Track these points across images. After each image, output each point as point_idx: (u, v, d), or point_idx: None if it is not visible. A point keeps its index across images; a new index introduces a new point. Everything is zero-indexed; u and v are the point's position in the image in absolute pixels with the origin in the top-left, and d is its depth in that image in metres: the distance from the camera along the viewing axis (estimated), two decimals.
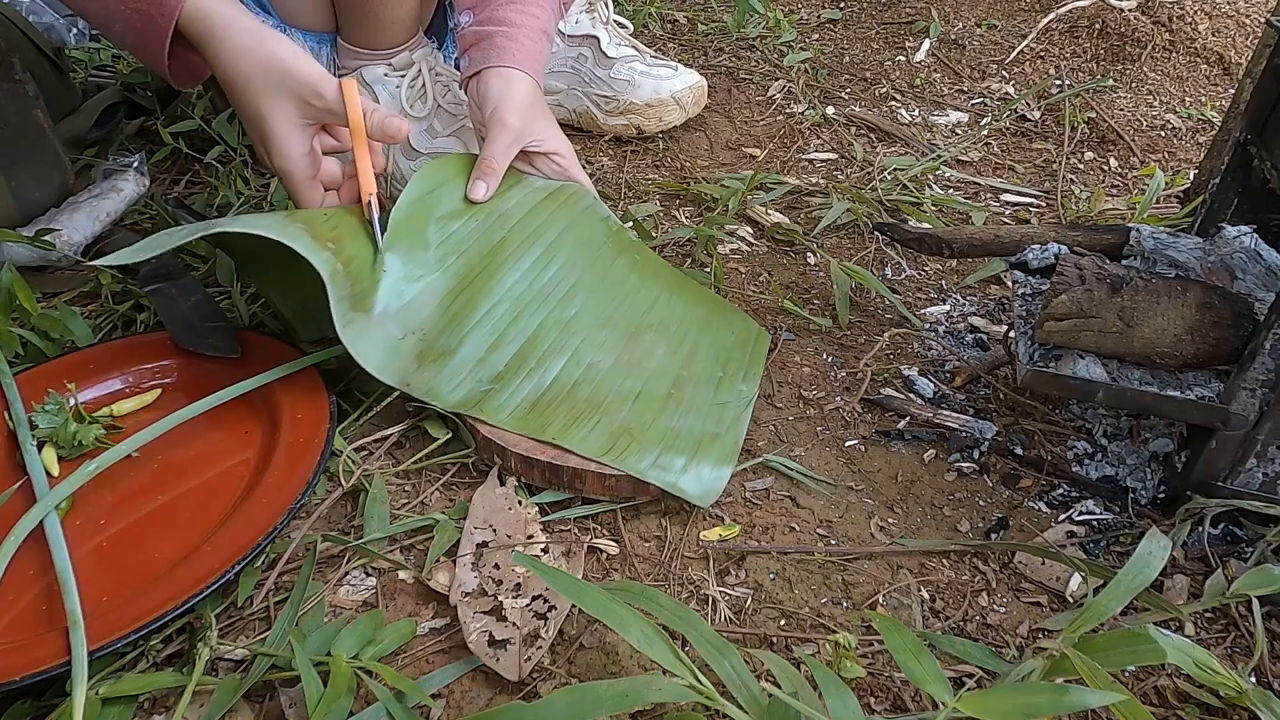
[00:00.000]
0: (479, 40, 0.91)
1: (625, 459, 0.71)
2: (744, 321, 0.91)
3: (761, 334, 0.89)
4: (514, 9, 0.92)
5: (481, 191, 0.86)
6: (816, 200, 1.15)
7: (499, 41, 0.90)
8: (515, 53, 0.89)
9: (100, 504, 0.68)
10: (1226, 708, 0.58)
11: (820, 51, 1.59)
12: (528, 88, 0.89)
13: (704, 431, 0.75)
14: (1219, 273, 0.77)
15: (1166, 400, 0.69)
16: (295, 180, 0.78)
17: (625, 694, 0.47)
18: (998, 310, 0.98)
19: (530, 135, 0.89)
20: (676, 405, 0.77)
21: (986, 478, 0.77)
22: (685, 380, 0.80)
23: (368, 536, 0.67)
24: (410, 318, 0.77)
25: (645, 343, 0.83)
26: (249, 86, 0.74)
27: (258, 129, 0.77)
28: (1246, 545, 0.70)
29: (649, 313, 0.87)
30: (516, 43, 0.90)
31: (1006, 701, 0.48)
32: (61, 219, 0.96)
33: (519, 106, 0.88)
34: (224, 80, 0.75)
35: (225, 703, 0.55)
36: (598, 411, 0.75)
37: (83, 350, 0.81)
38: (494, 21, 0.91)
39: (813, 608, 0.65)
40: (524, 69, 0.89)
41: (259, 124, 0.76)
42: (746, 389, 0.81)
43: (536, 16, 0.93)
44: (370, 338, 0.74)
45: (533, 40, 0.92)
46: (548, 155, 0.91)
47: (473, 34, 0.93)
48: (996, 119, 1.38)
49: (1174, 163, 1.29)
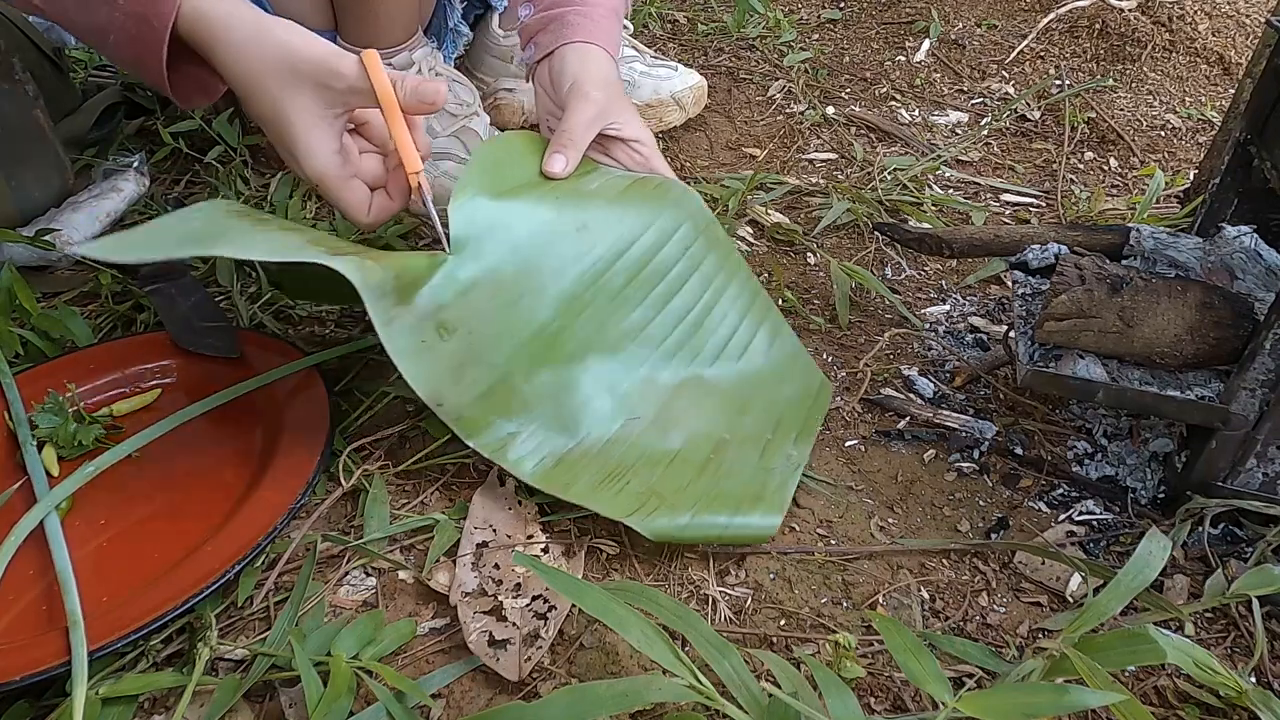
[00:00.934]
0: (547, 23, 0.84)
1: (653, 521, 0.65)
2: (807, 369, 0.82)
3: (824, 387, 0.82)
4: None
5: (560, 165, 0.77)
6: (816, 200, 1.15)
7: (571, 19, 0.82)
8: (591, 29, 0.82)
9: (100, 504, 0.68)
10: (1226, 708, 0.58)
11: (820, 51, 1.59)
12: (608, 64, 0.82)
13: (745, 495, 0.69)
14: (1219, 273, 0.77)
15: (1166, 400, 0.69)
16: (332, 182, 0.69)
17: (625, 694, 0.47)
18: (998, 310, 0.98)
19: (612, 115, 0.80)
20: (715, 470, 0.71)
21: (986, 478, 0.77)
22: (729, 444, 0.73)
23: (368, 536, 0.67)
24: (463, 312, 0.69)
25: (692, 393, 0.76)
26: (260, 84, 0.66)
27: (279, 131, 0.68)
28: (1246, 545, 0.70)
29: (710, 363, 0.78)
30: (591, 19, 0.83)
31: (1006, 701, 0.48)
32: (61, 219, 0.96)
33: (601, 81, 0.80)
34: (234, 85, 0.68)
35: (225, 703, 0.55)
36: (628, 473, 0.69)
37: (83, 350, 0.81)
38: (561, 4, 0.84)
39: (813, 608, 0.65)
40: (602, 45, 0.82)
41: (279, 125, 0.67)
42: (797, 454, 0.73)
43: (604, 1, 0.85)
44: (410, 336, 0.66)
45: (606, 19, 0.84)
46: (627, 142, 0.82)
47: (538, 20, 0.85)
48: (996, 119, 1.38)
49: (1174, 163, 1.29)
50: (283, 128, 0.67)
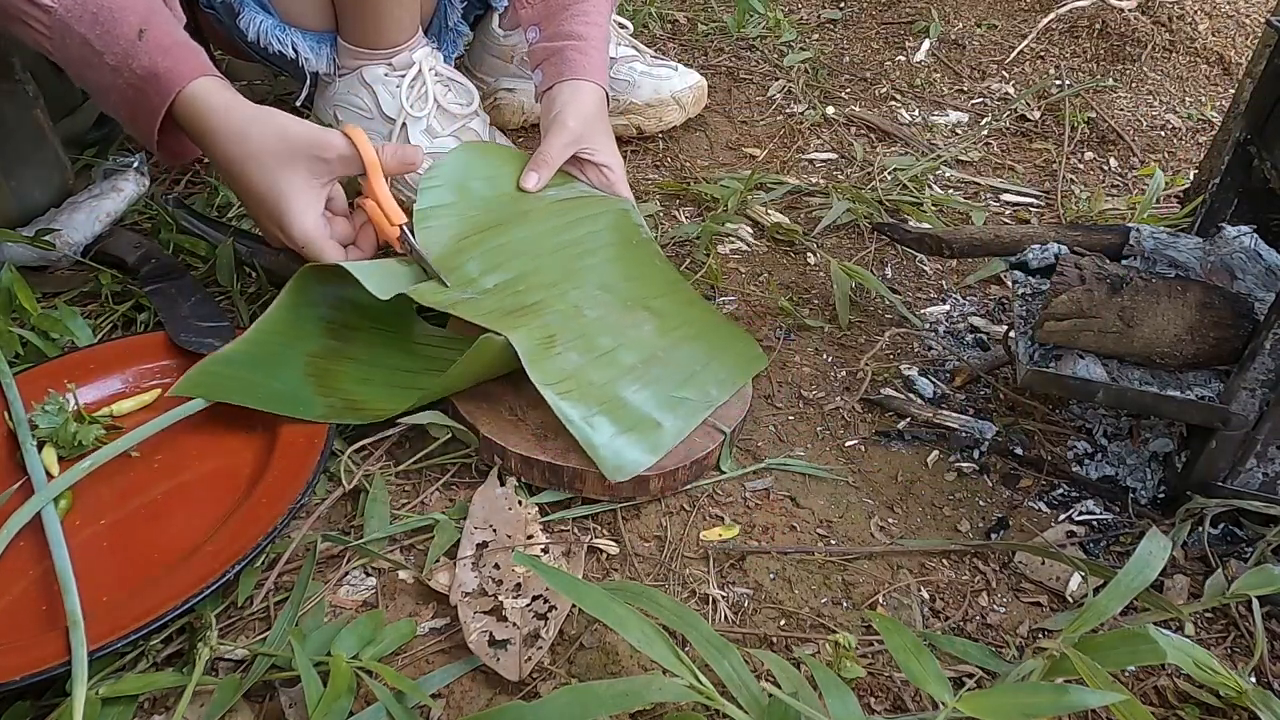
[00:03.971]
0: (550, 55, 0.96)
1: (562, 401, 0.71)
2: (748, 344, 0.87)
3: (759, 359, 0.86)
4: (580, 21, 0.97)
5: (533, 181, 0.90)
6: (816, 200, 1.15)
7: (569, 55, 0.95)
8: (585, 65, 0.95)
9: (101, 504, 0.68)
10: (1226, 708, 0.58)
11: (820, 51, 1.59)
12: (595, 98, 0.95)
13: (648, 415, 0.73)
14: (1219, 273, 0.77)
15: (1166, 400, 0.69)
16: (318, 243, 0.78)
17: (625, 694, 0.47)
18: (998, 310, 0.98)
19: (586, 141, 0.93)
20: (637, 378, 0.76)
21: (986, 478, 0.77)
22: (658, 361, 0.78)
23: (368, 536, 0.67)
24: None
25: (637, 316, 0.83)
26: (258, 160, 0.75)
27: (271, 204, 0.76)
28: (1246, 545, 0.70)
29: (654, 300, 0.86)
30: (586, 55, 0.95)
31: (1006, 701, 0.48)
32: (61, 219, 0.96)
33: (580, 113, 0.93)
34: (228, 162, 0.76)
35: (225, 703, 0.55)
36: (564, 346, 0.75)
37: (83, 350, 0.80)
38: (562, 36, 0.96)
39: (813, 608, 0.65)
40: (594, 80, 0.95)
41: (272, 197, 0.76)
42: (716, 394, 0.77)
43: (600, 26, 0.98)
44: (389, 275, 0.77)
45: (599, 51, 0.97)
46: (598, 166, 0.94)
47: (542, 49, 0.97)
48: (996, 119, 1.38)
49: (1174, 163, 1.29)
50: (275, 197, 0.76)
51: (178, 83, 0.72)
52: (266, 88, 1.34)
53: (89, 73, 0.73)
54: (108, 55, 0.71)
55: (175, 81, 0.72)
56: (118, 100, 0.74)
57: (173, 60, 0.72)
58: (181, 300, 0.84)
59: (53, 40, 0.71)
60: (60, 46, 0.72)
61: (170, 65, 0.72)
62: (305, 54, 1.02)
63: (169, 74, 0.72)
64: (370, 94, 1.04)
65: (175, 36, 0.74)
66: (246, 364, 0.76)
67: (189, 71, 0.73)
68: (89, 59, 0.72)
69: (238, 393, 0.73)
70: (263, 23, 1.00)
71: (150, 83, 0.72)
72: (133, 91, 0.72)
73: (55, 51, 0.72)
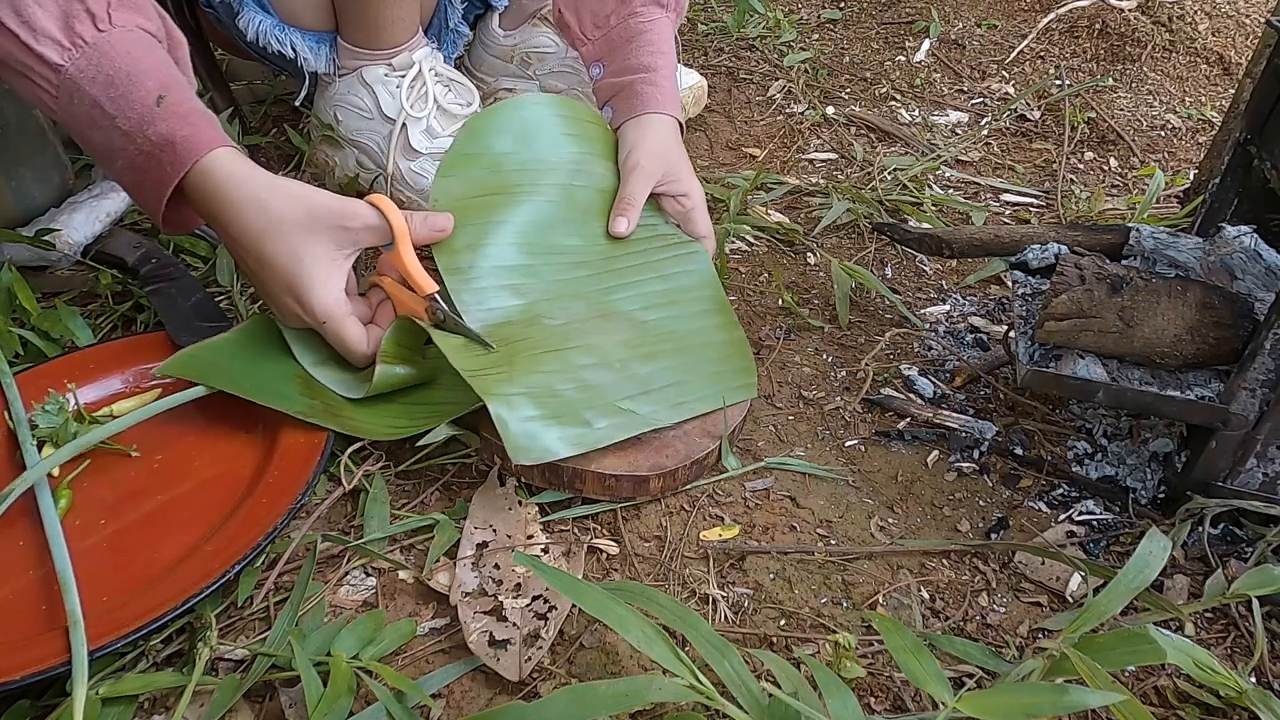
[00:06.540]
0: (619, 91, 0.94)
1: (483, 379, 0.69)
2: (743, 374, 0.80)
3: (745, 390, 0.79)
4: (646, 53, 0.94)
5: (623, 227, 0.87)
6: (816, 200, 1.15)
7: (639, 89, 0.93)
8: (656, 97, 0.92)
9: (101, 504, 0.68)
10: (1226, 708, 0.58)
11: (820, 51, 1.59)
12: (667, 129, 0.92)
13: (579, 413, 0.70)
14: (1219, 273, 0.77)
15: (1166, 400, 0.69)
16: (341, 320, 0.73)
17: (625, 694, 0.47)
18: (998, 310, 0.98)
19: (662, 175, 0.90)
20: (579, 380, 0.73)
21: (986, 478, 0.77)
22: (611, 369, 0.75)
23: (368, 536, 0.67)
24: None
25: (613, 325, 0.79)
26: (278, 230, 0.70)
27: (291, 276, 0.71)
28: (1246, 545, 0.70)
29: (650, 311, 0.82)
30: (656, 86, 0.93)
31: (1006, 701, 0.48)
32: (61, 219, 0.96)
33: (652, 150, 0.90)
34: (245, 234, 0.70)
35: (225, 703, 0.55)
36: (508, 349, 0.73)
37: (83, 350, 0.81)
38: (629, 70, 0.94)
39: (813, 608, 0.65)
40: (665, 111, 0.92)
41: (292, 269, 0.70)
42: (665, 416, 0.73)
43: (666, 54, 0.95)
44: None
45: (668, 80, 0.94)
46: (675, 196, 0.91)
47: (610, 85, 0.95)
48: (996, 119, 1.38)
49: (1174, 163, 1.29)
50: (296, 268, 0.71)
51: (196, 152, 0.69)
52: (267, 87, 1.34)
53: (94, 134, 0.69)
54: (120, 119, 0.68)
55: (193, 150, 0.68)
56: (124, 165, 0.70)
57: (191, 128, 0.69)
58: (181, 300, 0.84)
59: (58, 100, 0.68)
60: (65, 105, 0.68)
61: (188, 134, 0.68)
62: (304, 54, 1.02)
63: (186, 142, 0.68)
64: (370, 94, 1.04)
65: (193, 104, 0.70)
66: (233, 352, 0.75)
67: (208, 141, 0.69)
68: (97, 120, 0.68)
69: (222, 378, 0.72)
70: (262, 22, 1.00)
71: (166, 150, 0.68)
72: (143, 158, 0.69)
73: (58, 110, 0.69)
